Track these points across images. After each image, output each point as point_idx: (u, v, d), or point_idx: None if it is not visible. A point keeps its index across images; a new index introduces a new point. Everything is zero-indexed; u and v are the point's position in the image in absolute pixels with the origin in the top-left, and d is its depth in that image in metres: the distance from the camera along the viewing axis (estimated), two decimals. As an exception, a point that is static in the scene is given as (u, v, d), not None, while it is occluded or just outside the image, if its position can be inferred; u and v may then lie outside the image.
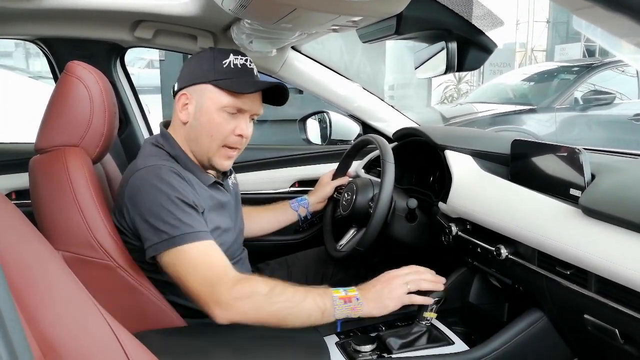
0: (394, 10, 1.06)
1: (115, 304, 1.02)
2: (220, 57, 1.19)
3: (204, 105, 1.19)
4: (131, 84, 1.93)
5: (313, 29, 1.37)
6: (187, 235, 1.07)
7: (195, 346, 1.08)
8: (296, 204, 1.62)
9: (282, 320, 1.04)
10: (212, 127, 1.19)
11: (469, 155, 1.36)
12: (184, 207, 1.10)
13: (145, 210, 1.09)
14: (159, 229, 1.07)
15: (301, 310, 1.04)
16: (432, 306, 1.15)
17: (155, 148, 1.22)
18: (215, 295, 1.02)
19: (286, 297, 1.04)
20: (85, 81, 1.19)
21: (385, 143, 1.43)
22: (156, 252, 1.08)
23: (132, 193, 1.12)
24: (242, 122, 1.21)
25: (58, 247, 1.11)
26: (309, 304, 1.04)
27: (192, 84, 1.20)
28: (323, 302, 1.05)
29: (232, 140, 1.21)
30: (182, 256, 1.06)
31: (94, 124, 1.20)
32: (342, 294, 1.08)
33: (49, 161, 1.17)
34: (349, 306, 1.06)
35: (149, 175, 1.11)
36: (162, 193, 1.09)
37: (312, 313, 1.04)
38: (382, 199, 1.32)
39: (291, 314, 1.03)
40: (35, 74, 8.02)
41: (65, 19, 1.62)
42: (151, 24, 1.67)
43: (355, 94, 1.98)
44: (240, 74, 1.19)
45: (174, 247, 1.06)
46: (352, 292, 1.09)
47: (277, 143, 2.54)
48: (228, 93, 1.18)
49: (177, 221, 1.07)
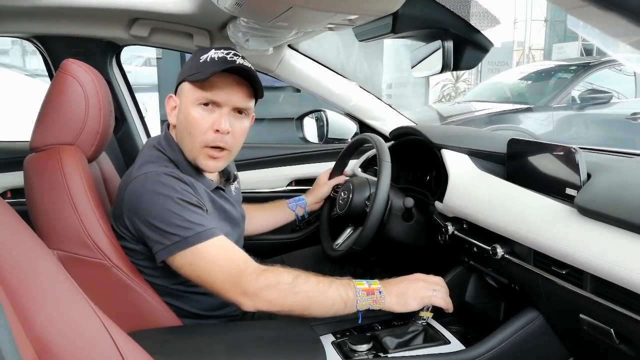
0: (390, 8, 1.06)
1: (110, 303, 1.02)
2: (200, 54, 1.17)
3: (182, 103, 1.19)
4: (127, 82, 1.93)
5: (309, 27, 1.37)
6: (200, 234, 1.06)
7: (190, 346, 1.07)
8: (294, 204, 1.62)
9: (306, 309, 1.05)
10: (189, 124, 1.16)
11: (466, 155, 1.36)
12: (190, 207, 1.09)
13: (150, 217, 1.07)
14: (168, 232, 1.06)
15: (325, 300, 1.05)
16: (428, 306, 1.15)
17: (156, 152, 1.20)
18: (242, 286, 1.03)
19: (310, 286, 1.05)
20: (80, 79, 1.18)
21: (382, 142, 1.42)
22: (169, 254, 1.06)
23: (133, 201, 1.10)
24: (219, 116, 1.16)
25: (53, 246, 1.11)
26: (332, 293, 1.06)
27: (177, 85, 1.21)
28: (346, 293, 1.07)
29: (211, 137, 1.16)
30: (200, 255, 1.06)
31: (89, 122, 1.19)
32: (365, 285, 1.09)
33: (43, 160, 1.16)
34: (372, 298, 1.08)
35: (148, 182, 1.10)
36: (165, 197, 1.07)
37: (336, 302, 1.06)
38: (378, 198, 1.32)
39: (315, 302, 1.05)
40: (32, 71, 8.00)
41: (60, 16, 1.61)
42: (147, 22, 1.67)
43: (352, 92, 1.98)
44: (211, 66, 1.13)
45: (188, 247, 1.05)
46: (375, 284, 1.10)
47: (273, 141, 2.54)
48: (197, 86, 1.15)
49: (186, 222, 1.06)
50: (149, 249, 1.11)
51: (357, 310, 1.09)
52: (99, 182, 1.32)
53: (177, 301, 1.19)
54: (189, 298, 1.20)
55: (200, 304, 1.22)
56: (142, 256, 1.15)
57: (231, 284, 1.04)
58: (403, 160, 1.66)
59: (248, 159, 1.93)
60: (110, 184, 1.39)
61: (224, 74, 1.14)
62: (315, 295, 1.05)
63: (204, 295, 1.20)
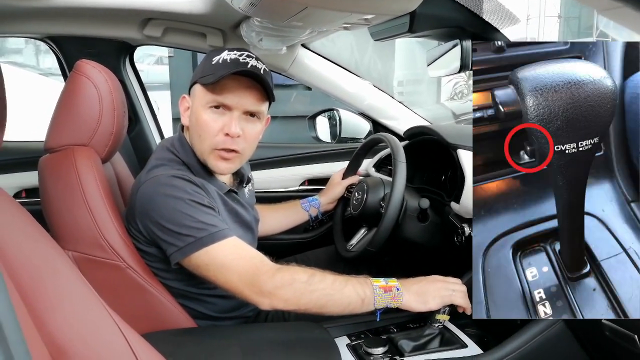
0: (408, 8, 1.04)
1: (124, 305, 1.03)
2: (213, 55, 1.16)
3: (194, 105, 1.18)
4: (140, 83, 1.93)
5: (324, 27, 1.35)
6: (214, 235, 1.06)
7: (204, 348, 1.07)
8: (307, 204, 1.61)
9: (323, 307, 1.05)
10: (199, 127, 1.16)
11: (482, 155, 1.34)
12: (202, 208, 1.08)
13: (162, 219, 1.07)
14: (182, 234, 1.05)
15: (341, 297, 1.05)
16: (444, 308, 1.13)
17: (169, 154, 1.20)
18: (257, 286, 1.03)
19: (326, 285, 1.05)
20: (94, 80, 1.18)
21: (397, 142, 1.41)
22: (184, 255, 1.06)
23: (144, 204, 1.10)
24: (230, 119, 1.15)
25: (67, 247, 1.11)
26: (349, 291, 1.05)
27: (190, 86, 1.21)
28: (363, 290, 1.06)
29: (221, 140, 1.15)
30: (215, 255, 1.05)
31: (103, 123, 1.19)
32: (383, 283, 1.09)
33: (58, 160, 1.16)
34: (389, 295, 1.07)
35: (158, 185, 1.10)
36: (176, 199, 1.07)
37: (352, 300, 1.05)
38: (393, 199, 1.30)
39: (331, 300, 1.04)
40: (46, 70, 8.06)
41: (74, 17, 1.62)
42: (160, 22, 1.66)
43: (366, 91, 1.97)
44: (222, 68, 1.12)
45: (202, 247, 1.05)
46: (392, 282, 1.10)
47: (286, 140, 2.53)
48: (208, 88, 1.14)
49: (199, 223, 1.06)
50: (162, 252, 1.11)
51: (374, 308, 1.08)
52: (113, 182, 1.32)
53: (191, 303, 1.19)
54: (203, 300, 1.20)
55: (214, 305, 1.21)
56: (156, 258, 1.15)
57: (247, 284, 1.04)
58: (418, 160, 1.64)
59: (261, 159, 1.92)
60: (124, 184, 1.39)
61: (236, 77, 1.13)
62: (331, 293, 1.04)
63: (218, 297, 1.19)
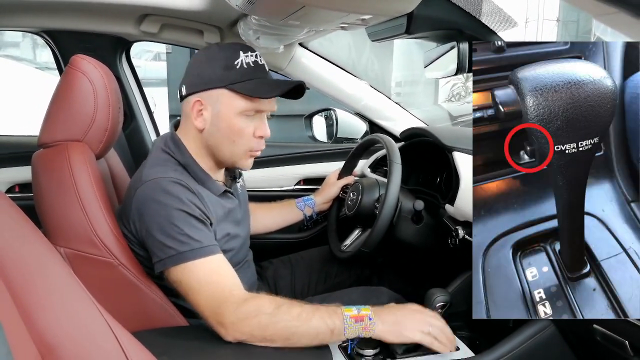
0: (405, 9, 1.04)
1: (116, 302, 1.02)
2: (231, 58, 1.14)
3: (221, 111, 1.15)
4: (136, 79, 1.92)
5: (321, 27, 1.35)
6: (195, 251, 1.05)
7: (196, 347, 1.06)
8: (302, 204, 1.60)
9: (289, 339, 1.02)
10: (233, 133, 1.16)
11: (478, 157, 1.34)
12: (192, 220, 1.08)
13: (152, 226, 1.07)
14: (166, 245, 1.06)
15: (308, 329, 1.01)
16: (437, 310, 1.13)
17: (165, 155, 1.18)
18: (221, 315, 1.01)
19: (291, 316, 1.01)
20: (89, 75, 1.17)
21: (393, 143, 1.41)
22: (164, 267, 1.07)
23: (139, 207, 1.10)
24: (261, 122, 1.19)
25: (59, 243, 1.10)
26: (316, 322, 1.02)
27: (206, 89, 1.15)
28: (332, 321, 1.02)
29: (255, 143, 1.19)
30: (189, 273, 1.05)
31: (97, 119, 1.18)
32: (354, 312, 1.04)
33: (51, 156, 1.16)
34: (361, 325, 1.03)
35: (155, 190, 1.09)
36: (169, 208, 1.07)
37: (320, 331, 1.02)
38: (388, 200, 1.30)
39: (297, 332, 1.01)
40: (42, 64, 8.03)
41: (70, 11, 1.61)
42: (157, 18, 1.66)
43: (363, 92, 1.96)
44: (254, 74, 1.15)
45: (181, 262, 1.05)
46: (365, 310, 1.05)
47: (282, 139, 2.53)
48: (245, 97, 1.14)
49: (184, 237, 1.06)
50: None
51: (345, 337, 1.04)
52: (107, 179, 1.31)
53: (183, 301, 1.18)
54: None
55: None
56: (147, 258, 1.14)
57: (211, 311, 1.03)
58: (413, 162, 1.64)
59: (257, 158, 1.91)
60: (119, 181, 1.38)
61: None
62: (297, 325, 1.01)
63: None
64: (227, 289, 1.05)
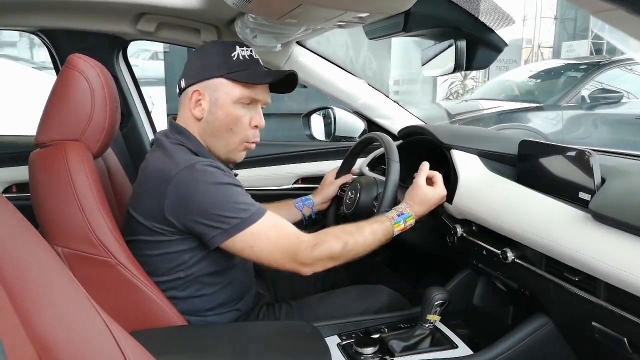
0: (402, 7, 1.04)
1: (114, 302, 1.02)
2: (228, 50, 1.20)
3: (219, 99, 1.19)
4: (134, 78, 1.92)
5: (319, 25, 1.35)
6: (255, 214, 1.11)
7: (194, 346, 1.06)
8: (301, 204, 1.60)
9: (355, 257, 1.19)
10: (231, 121, 1.20)
11: (476, 156, 1.34)
12: (240, 190, 1.14)
13: (205, 203, 1.09)
14: (227, 217, 1.09)
15: (370, 246, 1.20)
16: (435, 308, 1.13)
17: (177, 146, 1.18)
18: (299, 259, 1.13)
19: (356, 247, 1.17)
20: (86, 74, 1.17)
21: (390, 141, 1.41)
22: (228, 236, 1.10)
23: (182, 195, 1.09)
24: (256, 112, 1.23)
25: (57, 242, 1.10)
26: (375, 244, 1.20)
27: (204, 79, 1.19)
28: (385, 237, 1.22)
29: (251, 133, 1.23)
30: (259, 234, 1.11)
31: (95, 118, 1.18)
32: (402, 225, 1.24)
33: (48, 156, 1.15)
34: (405, 225, 1.25)
35: (196, 172, 1.10)
36: (218, 184, 1.11)
37: (376, 246, 1.21)
38: (386, 199, 1.30)
39: (362, 252, 1.19)
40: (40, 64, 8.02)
41: (67, 10, 1.60)
42: (154, 17, 1.65)
43: (361, 90, 1.96)
44: (250, 65, 1.20)
45: (248, 226, 1.10)
46: (409, 220, 1.25)
47: (280, 138, 2.52)
48: (242, 85, 1.19)
49: (242, 204, 1.11)
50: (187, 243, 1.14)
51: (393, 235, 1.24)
52: (105, 178, 1.30)
53: (182, 301, 1.18)
54: (194, 296, 1.19)
55: (203, 301, 1.21)
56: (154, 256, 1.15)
57: (290, 259, 1.13)
58: (411, 160, 1.64)
59: (254, 157, 1.92)
60: (116, 180, 1.38)
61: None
62: (360, 251, 1.18)
63: (209, 295, 1.19)
64: (294, 237, 1.15)
